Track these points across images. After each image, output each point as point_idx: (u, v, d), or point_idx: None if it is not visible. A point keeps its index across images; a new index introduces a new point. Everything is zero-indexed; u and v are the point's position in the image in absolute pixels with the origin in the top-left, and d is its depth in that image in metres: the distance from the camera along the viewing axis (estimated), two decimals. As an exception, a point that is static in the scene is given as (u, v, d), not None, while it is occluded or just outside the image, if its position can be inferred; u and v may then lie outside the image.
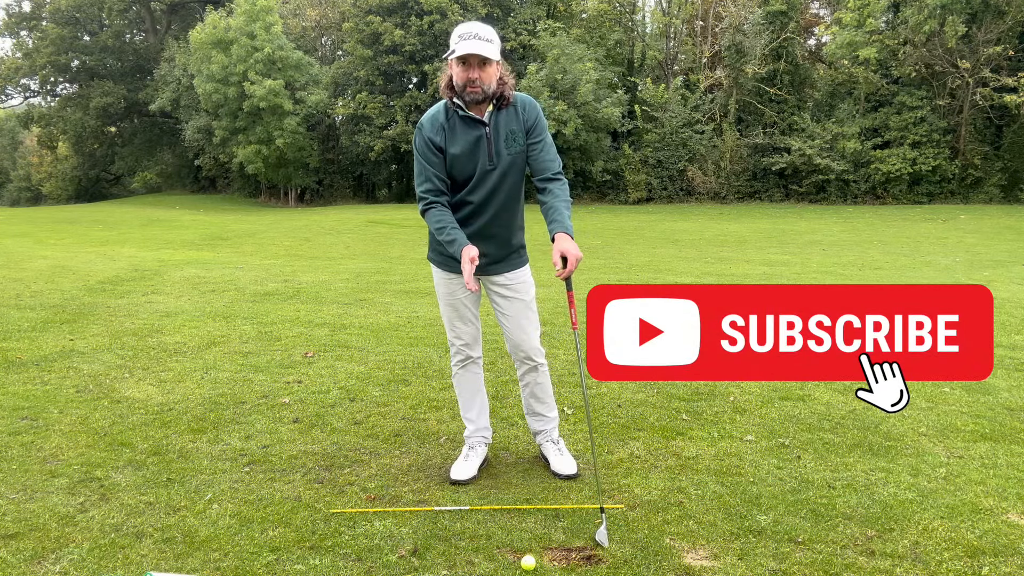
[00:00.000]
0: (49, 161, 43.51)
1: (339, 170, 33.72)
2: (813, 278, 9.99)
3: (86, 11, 38.37)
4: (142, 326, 6.55)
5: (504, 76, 3.12)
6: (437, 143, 3.15)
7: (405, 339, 6.08)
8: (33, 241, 15.55)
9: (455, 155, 3.15)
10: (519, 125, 3.17)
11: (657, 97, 27.60)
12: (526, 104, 3.20)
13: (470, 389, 3.46)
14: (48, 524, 2.94)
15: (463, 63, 3.03)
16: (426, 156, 3.18)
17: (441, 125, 3.16)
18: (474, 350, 3.43)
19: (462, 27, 3.07)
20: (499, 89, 3.10)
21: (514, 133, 3.16)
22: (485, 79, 3.04)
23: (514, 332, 3.35)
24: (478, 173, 3.17)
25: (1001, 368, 5.17)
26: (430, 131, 3.16)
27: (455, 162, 3.17)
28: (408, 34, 28.57)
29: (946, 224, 18.59)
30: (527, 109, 3.19)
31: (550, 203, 3.11)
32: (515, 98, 3.19)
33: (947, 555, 2.71)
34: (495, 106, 3.15)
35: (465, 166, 3.17)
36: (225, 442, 3.80)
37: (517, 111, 3.18)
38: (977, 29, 23.12)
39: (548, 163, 3.19)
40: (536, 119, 3.19)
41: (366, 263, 11.66)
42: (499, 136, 3.15)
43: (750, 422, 4.09)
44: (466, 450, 3.47)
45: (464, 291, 3.31)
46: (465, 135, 3.14)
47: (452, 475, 3.34)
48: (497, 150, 3.15)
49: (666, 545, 2.78)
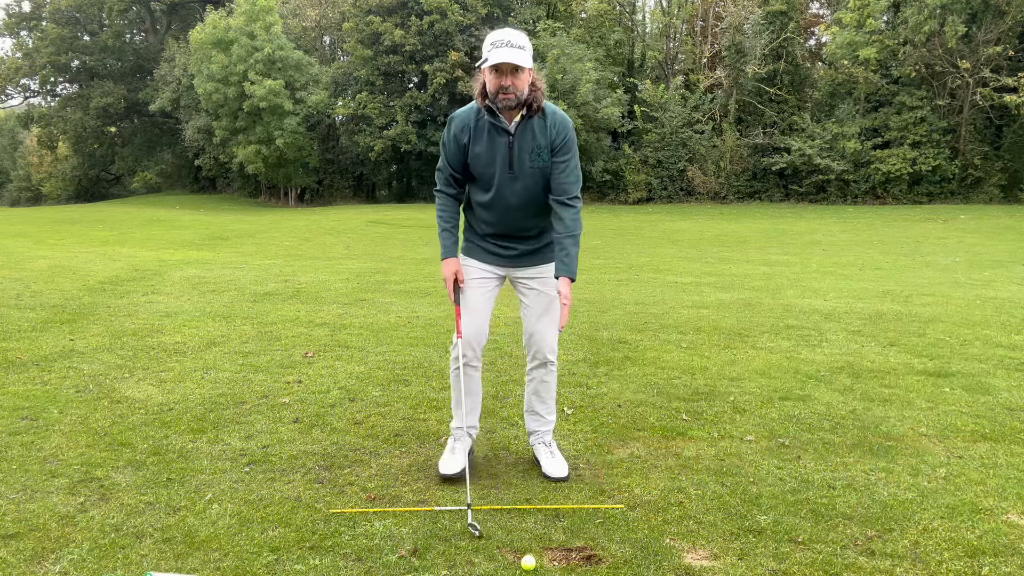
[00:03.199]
0: (49, 161, 43.52)
1: (339, 170, 33.73)
2: (813, 278, 10.00)
3: (86, 11, 38.40)
4: (142, 326, 6.55)
5: (536, 81, 3.12)
6: (462, 141, 3.22)
7: (405, 339, 6.08)
8: (33, 241, 15.54)
9: (477, 154, 3.22)
10: (546, 141, 3.17)
11: (657, 97, 27.61)
12: (556, 121, 3.18)
13: (464, 388, 3.46)
14: (48, 524, 2.94)
15: (496, 70, 3.04)
16: (448, 149, 3.28)
17: (469, 126, 3.20)
18: (473, 349, 3.43)
19: (495, 34, 3.05)
20: (531, 95, 3.11)
21: (540, 148, 3.16)
22: (518, 85, 3.05)
23: (533, 325, 3.39)
24: (498, 178, 3.21)
25: (1001, 368, 5.17)
26: (457, 128, 3.23)
27: (476, 161, 3.23)
28: (408, 34, 28.58)
29: (946, 224, 18.59)
30: (557, 127, 3.17)
31: (559, 238, 3.17)
32: (546, 110, 3.18)
33: (947, 555, 2.71)
34: (524, 115, 3.15)
35: (487, 168, 3.22)
36: (225, 442, 3.79)
37: (546, 125, 3.17)
38: (977, 29, 23.13)
39: (567, 185, 3.19)
40: (565, 140, 3.18)
41: (366, 263, 11.66)
42: (523, 148, 3.16)
43: (750, 422, 4.08)
44: (451, 442, 3.48)
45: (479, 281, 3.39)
46: (490, 140, 3.18)
47: (441, 470, 3.36)
48: (520, 161, 3.17)
49: (666, 545, 2.78)
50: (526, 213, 3.29)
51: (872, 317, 6.98)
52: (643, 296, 8.33)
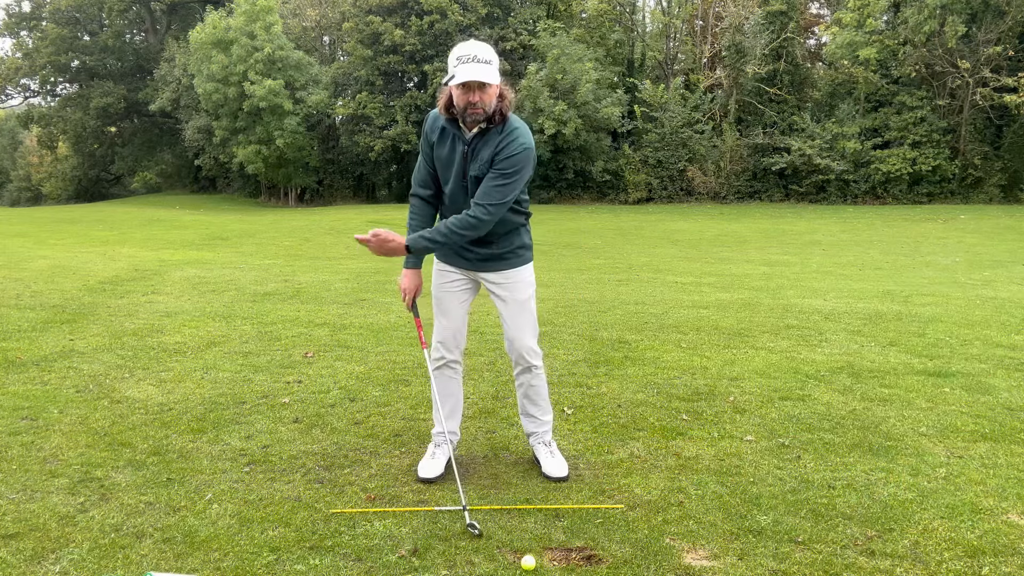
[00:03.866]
0: (49, 161, 43.52)
1: (339, 170, 33.73)
2: (813, 278, 10.00)
3: (86, 11, 38.39)
4: (142, 326, 6.55)
5: (504, 92, 3.08)
6: (431, 140, 3.28)
7: (405, 339, 6.09)
8: (33, 241, 15.54)
9: (439, 156, 3.27)
10: (490, 152, 3.10)
11: (657, 97, 27.61)
12: (512, 140, 3.06)
13: (443, 392, 3.46)
14: (48, 524, 2.94)
15: (464, 87, 3.01)
16: (422, 147, 3.35)
17: (438, 125, 3.25)
18: (450, 351, 3.43)
19: (460, 49, 3.01)
20: (498, 105, 3.07)
21: (483, 161, 3.12)
22: (486, 99, 3.02)
23: (509, 330, 3.41)
24: (452, 184, 3.26)
25: (1001, 368, 5.17)
26: (428, 126, 3.29)
27: (438, 163, 3.29)
28: (408, 34, 28.58)
29: (946, 224, 18.60)
30: (505, 147, 3.06)
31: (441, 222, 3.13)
32: (507, 127, 3.09)
33: (947, 555, 2.71)
34: (483, 128, 3.11)
35: (445, 171, 3.28)
36: (225, 442, 3.79)
37: (499, 139, 3.09)
38: (977, 29, 23.13)
39: (484, 195, 3.05)
40: (506, 159, 3.04)
41: (366, 263, 11.66)
42: (475, 159, 3.16)
43: (750, 422, 4.08)
44: (432, 448, 3.50)
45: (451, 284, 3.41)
46: (451, 146, 3.21)
47: (420, 473, 3.38)
48: (471, 170, 3.18)
49: (666, 545, 2.78)
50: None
51: (872, 317, 6.98)
52: (643, 296, 8.33)
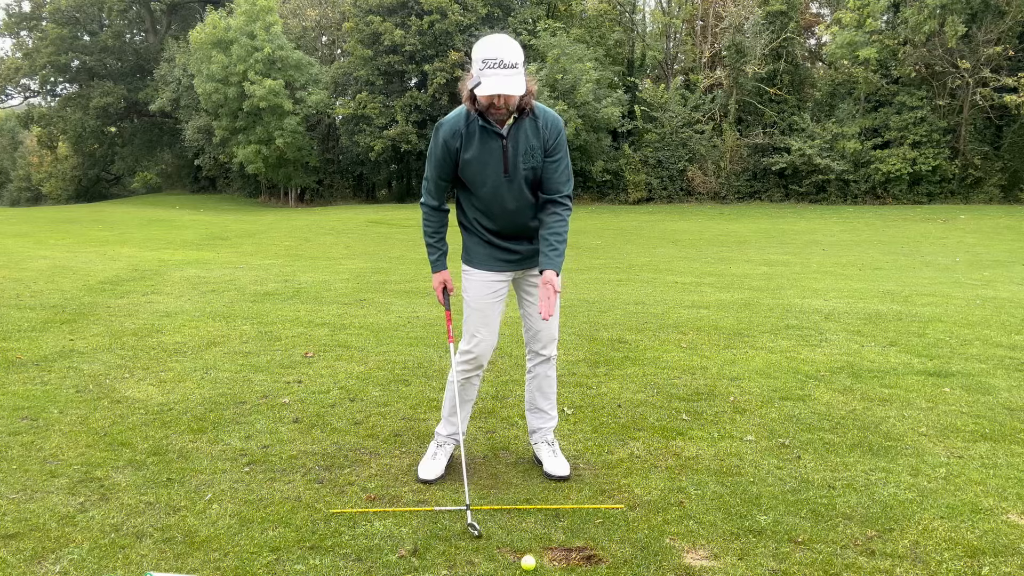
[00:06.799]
0: (49, 161, 43.56)
1: (339, 170, 33.75)
2: (813, 278, 10.00)
3: (86, 11, 38.41)
4: (142, 326, 6.55)
5: (528, 85, 3.04)
6: (452, 147, 3.14)
7: (405, 339, 6.08)
8: (33, 241, 15.54)
9: (468, 160, 3.14)
10: (539, 141, 3.13)
11: (657, 97, 27.61)
12: (548, 121, 3.14)
13: (464, 398, 3.45)
14: (48, 524, 2.94)
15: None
16: (437, 157, 3.18)
17: (460, 131, 3.12)
18: (483, 361, 3.40)
19: (486, 49, 2.91)
20: (523, 99, 3.04)
21: (533, 149, 3.12)
22: (511, 102, 2.99)
23: (538, 320, 3.35)
24: (492, 182, 3.16)
25: (1001, 368, 5.17)
26: (447, 134, 3.13)
27: (467, 167, 3.16)
28: (408, 34, 28.58)
29: (946, 224, 18.60)
30: (549, 127, 3.14)
31: (545, 234, 3.15)
32: (536, 110, 3.13)
33: (947, 555, 2.71)
34: (516, 117, 3.09)
35: (479, 173, 3.16)
36: (225, 442, 3.79)
37: (539, 127, 3.13)
38: (977, 29, 23.13)
39: (559, 184, 3.18)
40: (557, 139, 3.15)
41: (366, 263, 11.66)
42: (517, 150, 3.12)
43: (750, 422, 4.08)
44: (434, 448, 3.48)
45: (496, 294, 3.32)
46: (483, 144, 3.11)
47: (420, 474, 3.37)
48: (514, 163, 3.13)
49: (666, 545, 2.78)
50: (525, 214, 3.25)
51: (872, 317, 6.98)
52: (643, 296, 8.33)
